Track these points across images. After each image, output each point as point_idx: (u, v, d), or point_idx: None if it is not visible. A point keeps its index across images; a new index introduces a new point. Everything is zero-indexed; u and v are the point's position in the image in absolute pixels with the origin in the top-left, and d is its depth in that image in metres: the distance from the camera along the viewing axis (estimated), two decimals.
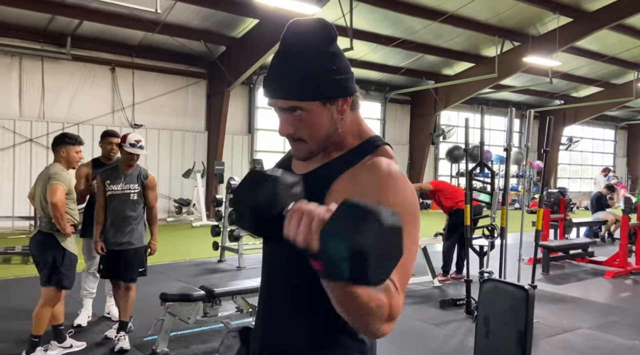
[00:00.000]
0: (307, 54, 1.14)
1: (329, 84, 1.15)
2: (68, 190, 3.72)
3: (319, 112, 1.16)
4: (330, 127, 1.18)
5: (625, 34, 13.30)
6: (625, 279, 7.02)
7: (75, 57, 10.94)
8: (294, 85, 1.13)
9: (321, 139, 1.19)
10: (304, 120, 1.17)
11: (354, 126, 1.23)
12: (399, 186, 1.11)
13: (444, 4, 11.21)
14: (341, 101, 1.18)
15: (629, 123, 24.31)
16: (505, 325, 2.52)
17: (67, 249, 3.71)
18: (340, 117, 1.19)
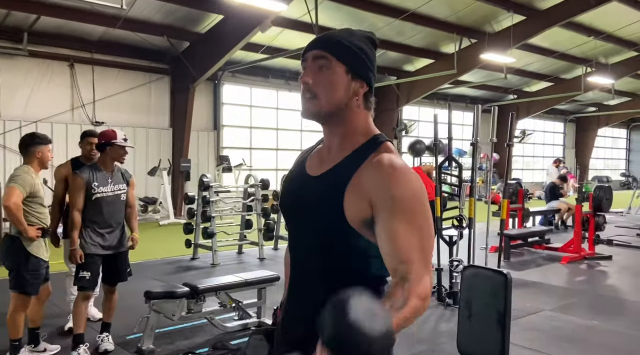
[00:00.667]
0: (353, 34, 1.35)
1: (359, 61, 1.31)
2: (32, 193, 3.61)
3: (341, 76, 1.29)
4: (344, 97, 1.30)
5: (575, 31, 14.01)
6: (580, 264, 7.49)
7: (32, 53, 10.59)
8: (334, 43, 1.31)
9: (333, 102, 1.29)
10: (326, 77, 1.29)
11: (364, 124, 1.35)
12: (404, 179, 1.23)
13: (405, 3, 11.50)
14: (360, 83, 1.31)
15: (577, 116, 25.53)
16: (486, 308, 2.70)
17: (32, 254, 3.61)
18: (355, 97, 1.31)
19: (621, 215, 13.57)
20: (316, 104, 1.31)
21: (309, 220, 1.36)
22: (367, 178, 1.25)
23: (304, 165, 1.44)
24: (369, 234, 1.26)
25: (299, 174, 1.45)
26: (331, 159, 1.35)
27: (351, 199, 1.25)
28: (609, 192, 8.03)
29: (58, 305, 5.03)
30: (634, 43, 16.09)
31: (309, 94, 1.31)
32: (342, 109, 1.31)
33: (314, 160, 1.43)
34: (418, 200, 1.23)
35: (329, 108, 1.31)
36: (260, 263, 7.34)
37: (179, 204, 12.33)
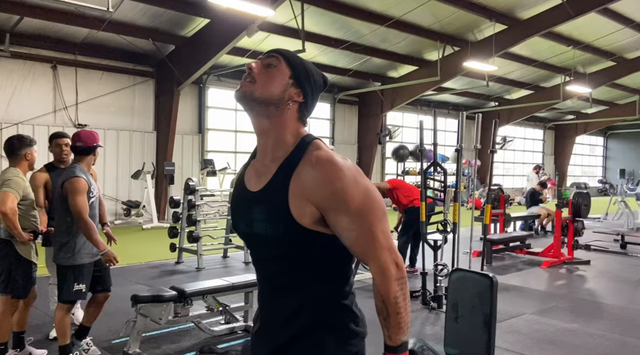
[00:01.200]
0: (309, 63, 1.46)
1: (304, 74, 1.40)
2: (25, 196, 3.63)
3: (284, 76, 1.38)
4: (279, 94, 1.36)
5: (554, 40, 14.33)
6: (560, 268, 7.66)
7: (14, 54, 10.45)
8: (291, 54, 1.42)
9: (266, 91, 1.36)
10: (270, 73, 1.38)
11: (295, 127, 1.40)
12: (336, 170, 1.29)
13: (390, 10, 11.64)
14: (297, 91, 1.39)
15: (556, 123, 26.06)
16: (473, 310, 2.77)
17: (23, 257, 3.64)
18: (289, 100, 1.37)
19: (598, 221, 13.90)
20: (251, 87, 1.37)
21: (265, 238, 1.38)
22: (304, 180, 1.30)
23: (243, 182, 1.47)
24: (324, 229, 1.32)
25: (241, 191, 1.47)
26: (267, 170, 1.39)
27: (296, 204, 1.30)
28: (587, 199, 8.23)
29: (41, 309, 4.98)
30: (611, 53, 16.52)
31: (248, 78, 1.38)
32: (273, 104, 1.37)
33: (251, 174, 1.46)
34: (358, 188, 1.30)
35: (261, 95, 1.36)
36: (246, 267, 7.34)
37: (162, 207, 12.24)
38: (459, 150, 5.22)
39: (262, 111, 1.38)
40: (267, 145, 1.40)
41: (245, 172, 1.50)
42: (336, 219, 1.29)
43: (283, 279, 1.40)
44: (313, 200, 1.29)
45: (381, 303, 1.31)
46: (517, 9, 12.54)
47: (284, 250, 1.36)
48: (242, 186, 1.47)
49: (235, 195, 1.51)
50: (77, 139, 3.56)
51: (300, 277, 1.37)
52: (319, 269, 1.37)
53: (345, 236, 1.31)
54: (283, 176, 1.34)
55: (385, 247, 1.30)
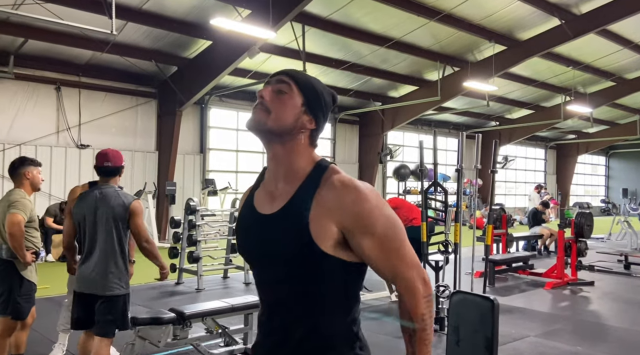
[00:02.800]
0: (318, 83, 1.45)
1: (316, 100, 1.40)
2: (30, 218, 3.66)
3: (296, 105, 1.37)
4: (293, 122, 1.36)
5: (553, 61, 14.45)
6: (563, 289, 7.58)
7: (18, 75, 10.56)
8: (300, 78, 1.40)
9: (281, 121, 1.35)
10: (282, 100, 1.36)
11: (308, 153, 1.40)
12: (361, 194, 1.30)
13: (390, 31, 11.79)
14: (310, 119, 1.38)
15: (557, 143, 26.10)
16: (474, 334, 2.73)
17: (25, 278, 3.64)
18: (301, 128, 1.37)
19: (602, 241, 13.80)
20: (264, 117, 1.36)
21: (275, 259, 1.36)
22: (328, 202, 1.30)
23: (253, 205, 1.44)
24: (342, 253, 1.32)
25: (251, 215, 1.43)
26: (282, 193, 1.37)
27: (317, 225, 1.29)
28: (589, 219, 8.19)
29: (39, 332, 4.94)
30: (610, 73, 16.63)
31: (260, 106, 1.37)
32: (287, 133, 1.36)
33: (261, 197, 1.43)
34: (382, 211, 1.32)
35: (275, 125, 1.36)
36: (246, 288, 7.28)
37: (163, 227, 12.21)
38: (459, 170, 5.22)
39: (275, 139, 1.38)
40: (279, 170, 1.40)
41: (253, 194, 1.48)
42: (362, 240, 1.30)
43: (291, 302, 1.38)
44: (338, 222, 1.30)
45: (408, 320, 1.34)
46: (516, 30, 12.68)
47: (297, 272, 1.34)
48: (251, 209, 1.45)
49: (244, 217, 1.48)
50: (105, 159, 3.31)
51: (310, 301, 1.35)
52: (329, 294, 1.35)
53: (372, 257, 1.32)
54: (303, 198, 1.33)
55: (411, 265, 1.34)
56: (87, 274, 3.21)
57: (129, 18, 9.64)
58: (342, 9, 10.55)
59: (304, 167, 1.37)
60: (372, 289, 6.43)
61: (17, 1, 8.29)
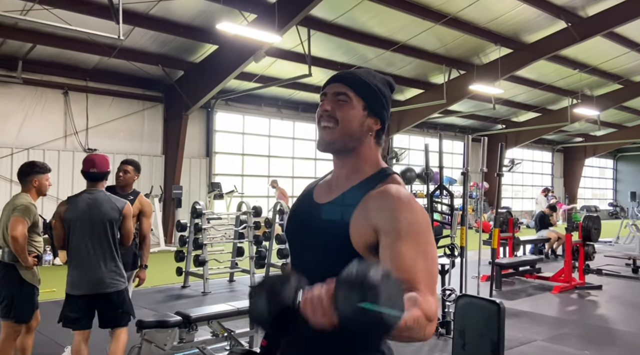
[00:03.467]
0: (374, 76, 1.44)
1: (376, 100, 1.40)
2: (33, 222, 3.70)
3: (358, 109, 1.37)
4: (359, 130, 1.38)
5: (560, 64, 14.39)
6: (571, 293, 7.53)
7: (26, 80, 10.65)
8: (357, 81, 1.40)
9: (348, 131, 1.37)
10: (344, 106, 1.37)
11: (374, 155, 1.43)
12: (409, 206, 1.30)
13: (395, 35, 11.79)
14: (375, 120, 1.40)
15: (564, 146, 25.96)
16: (480, 338, 2.72)
17: (27, 281, 3.67)
18: (368, 132, 1.39)
19: (610, 245, 13.70)
20: (331, 133, 1.38)
21: (314, 245, 1.40)
22: (373, 205, 1.31)
23: (312, 194, 1.50)
24: (372, 258, 1.31)
25: (306, 201, 1.50)
26: (339, 188, 1.42)
27: (356, 224, 1.31)
28: (597, 222, 8.14)
29: (45, 335, 4.96)
30: (617, 76, 16.54)
31: (326, 121, 1.38)
32: (355, 140, 1.39)
33: (322, 189, 1.49)
34: (423, 226, 1.30)
35: (343, 138, 1.38)
36: None
37: (169, 230, 12.26)
38: (465, 173, 5.21)
39: (347, 151, 1.41)
40: (343, 170, 1.44)
41: (315, 186, 1.53)
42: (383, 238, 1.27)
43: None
44: (372, 225, 1.30)
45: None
46: (522, 33, 12.64)
47: (329, 264, 1.32)
48: (308, 197, 1.50)
49: (298, 205, 1.54)
50: (91, 165, 3.43)
51: None
52: None
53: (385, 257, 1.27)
54: (354, 195, 1.36)
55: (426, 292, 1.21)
56: (91, 276, 3.39)
57: (136, 23, 9.71)
58: (347, 13, 10.57)
59: (366, 170, 1.41)
60: None
61: (25, 7, 8.38)
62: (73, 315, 3.41)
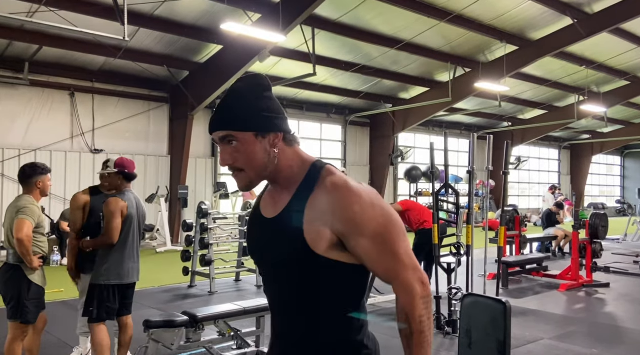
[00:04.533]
0: (242, 96, 1.37)
1: (260, 119, 1.35)
2: (37, 223, 3.71)
3: (253, 143, 1.34)
4: (265, 157, 1.35)
5: (566, 60, 14.30)
6: (578, 291, 7.49)
7: (33, 82, 10.71)
8: (230, 118, 1.35)
9: (258, 168, 1.36)
10: (241, 151, 1.34)
11: (296, 158, 1.40)
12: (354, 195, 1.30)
13: (399, 33, 11.76)
14: (272, 136, 1.36)
15: (571, 143, 25.80)
16: (486, 337, 2.71)
17: (33, 282, 3.67)
18: (274, 150, 1.36)
19: (617, 242, 13.61)
20: (245, 177, 1.38)
21: (277, 262, 1.40)
22: (321, 205, 1.30)
23: (259, 208, 1.49)
24: (339, 255, 1.32)
25: (257, 217, 1.49)
26: (282, 198, 1.40)
27: (311, 229, 1.30)
28: (604, 219, 8.08)
29: (55, 335, 5.00)
30: (624, 72, 16.42)
31: (235, 171, 1.38)
32: (269, 166, 1.37)
33: (267, 201, 1.47)
34: (375, 210, 1.30)
35: (257, 174, 1.37)
36: (258, 290, 7.30)
37: (175, 230, 12.30)
38: (470, 171, 5.19)
39: (269, 177, 1.41)
40: (277, 185, 1.43)
41: (261, 199, 1.52)
42: (356, 242, 1.30)
43: (289, 305, 1.40)
44: (331, 226, 1.30)
45: (405, 322, 1.31)
46: (527, 30, 12.57)
47: (293, 276, 1.36)
48: (257, 213, 1.49)
49: (251, 221, 1.54)
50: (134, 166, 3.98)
51: (307, 305, 1.37)
52: (327, 298, 1.36)
53: (367, 258, 1.31)
54: (298, 203, 1.35)
55: (408, 266, 1.31)
56: (134, 266, 3.89)
57: (141, 24, 9.74)
58: (351, 12, 10.55)
59: (297, 173, 1.38)
60: (384, 292, 6.41)
61: (31, 9, 8.43)
62: (114, 305, 3.80)
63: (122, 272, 3.78)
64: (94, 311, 3.71)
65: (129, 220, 3.82)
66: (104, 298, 3.73)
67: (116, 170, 3.86)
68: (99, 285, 3.74)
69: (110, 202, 3.77)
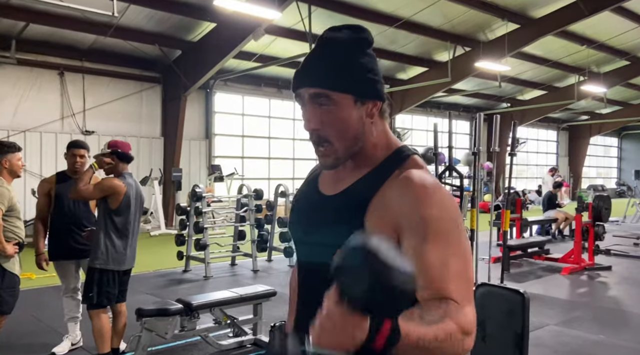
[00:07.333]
0: (343, 47, 1.12)
1: (362, 81, 1.12)
2: (10, 206, 3.48)
3: (349, 108, 1.11)
4: (359, 129, 1.13)
5: (567, 39, 14.04)
6: (581, 275, 7.37)
7: (20, 61, 10.37)
8: (328, 73, 1.10)
9: (348, 141, 1.13)
10: (333, 115, 1.11)
11: (382, 137, 1.19)
12: (435, 199, 1.07)
13: (398, 11, 11.45)
14: (372, 104, 1.14)
15: (570, 124, 25.64)
16: (502, 329, 2.57)
17: (7, 270, 3.48)
18: (370, 121, 1.14)
19: (616, 224, 13.54)
20: (331, 151, 1.14)
21: (325, 242, 1.18)
22: (393, 198, 1.09)
23: (316, 184, 1.28)
24: None
25: (311, 192, 1.28)
26: (349, 176, 1.19)
27: (373, 221, 1.09)
28: (607, 202, 7.94)
29: (44, 322, 4.83)
30: (625, 52, 16.18)
31: (319, 144, 1.15)
32: (359, 140, 1.15)
33: (327, 177, 1.26)
34: (453, 222, 1.07)
35: (346, 148, 1.14)
36: (254, 275, 7.15)
37: (169, 213, 12.11)
38: (475, 153, 5.00)
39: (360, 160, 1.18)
40: (350, 161, 1.19)
41: (319, 174, 1.30)
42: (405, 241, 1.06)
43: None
44: (394, 221, 1.07)
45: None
46: (529, 8, 12.28)
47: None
48: (314, 186, 1.27)
49: (301, 197, 1.32)
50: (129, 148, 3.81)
51: None
52: None
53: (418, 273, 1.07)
54: (368, 185, 1.13)
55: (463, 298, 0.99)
56: (133, 253, 3.75)
57: (130, 0, 9.39)
58: None
59: (378, 155, 1.17)
60: None
61: None
62: (114, 291, 3.65)
63: (120, 257, 3.63)
64: (94, 297, 3.57)
65: (129, 204, 3.64)
66: (104, 283, 3.57)
67: (109, 150, 3.63)
68: (97, 269, 3.56)
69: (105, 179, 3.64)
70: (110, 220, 3.59)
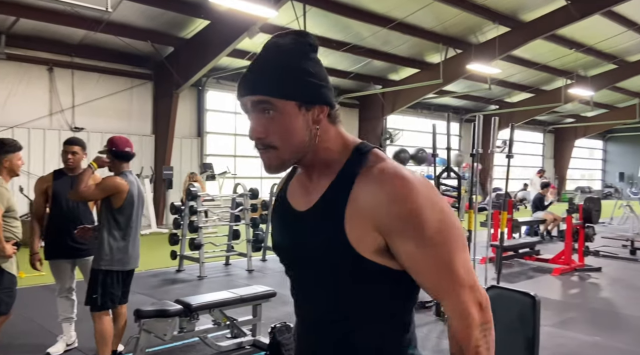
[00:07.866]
0: (284, 53, 1.11)
1: (305, 86, 1.09)
2: (8, 207, 3.42)
3: (294, 115, 1.08)
4: (305, 135, 1.10)
5: (556, 43, 14.20)
6: (571, 275, 7.46)
7: (9, 56, 10.20)
8: (269, 80, 1.08)
9: (294, 147, 1.10)
10: (278, 123, 1.08)
11: (338, 141, 1.15)
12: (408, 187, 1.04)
13: (391, 12, 11.48)
14: (317, 109, 1.10)
15: (555, 127, 25.95)
16: (511, 333, 2.57)
17: (5, 270, 3.42)
18: (316, 127, 1.11)
19: (604, 226, 13.73)
20: (276, 156, 1.12)
21: (311, 264, 1.15)
22: (367, 200, 1.05)
23: (286, 199, 1.24)
24: (387, 260, 1.08)
25: (284, 209, 1.24)
26: (317, 187, 1.15)
27: (355, 229, 1.06)
28: (598, 204, 8.06)
29: (37, 322, 4.75)
30: (613, 56, 16.42)
31: (263, 148, 1.12)
32: (307, 146, 1.12)
33: (295, 189, 1.23)
34: (436, 207, 1.05)
35: (291, 154, 1.12)
36: (249, 275, 7.11)
37: (160, 212, 12.00)
38: (474, 155, 5.02)
39: (304, 159, 1.15)
40: (312, 170, 1.17)
41: (287, 186, 1.27)
42: (403, 246, 1.05)
43: (328, 314, 1.17)
44: (376, 224, 1.05)
45: (457, 351, 1.07)
46: (520, 11, 12.39)
47: (333, 280, 1.13)
48: (284, 203, 1.24)
49: (277, 212, 1.28)
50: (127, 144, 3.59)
51: (343, 314, 1.15)
52: (368, 308, 1.13)
53: (413, 268, 1.07)
54: (337, 193, 1.10)
55: (466, 284, 1.06)
56: (137, 252, 3.66)
57: None
58: None
59: (337, 158, 1.14)
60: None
61: None
62: (118, 292, 3.59)
63: (124, 257, 3.56)
64: (98, 299, 3.48)
65: (132, 202, 3.57)
66: (108, 284, 3.50)
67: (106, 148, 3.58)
68: (102, 270, 3.48)
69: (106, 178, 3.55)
70: (113, 220, 3.52)
